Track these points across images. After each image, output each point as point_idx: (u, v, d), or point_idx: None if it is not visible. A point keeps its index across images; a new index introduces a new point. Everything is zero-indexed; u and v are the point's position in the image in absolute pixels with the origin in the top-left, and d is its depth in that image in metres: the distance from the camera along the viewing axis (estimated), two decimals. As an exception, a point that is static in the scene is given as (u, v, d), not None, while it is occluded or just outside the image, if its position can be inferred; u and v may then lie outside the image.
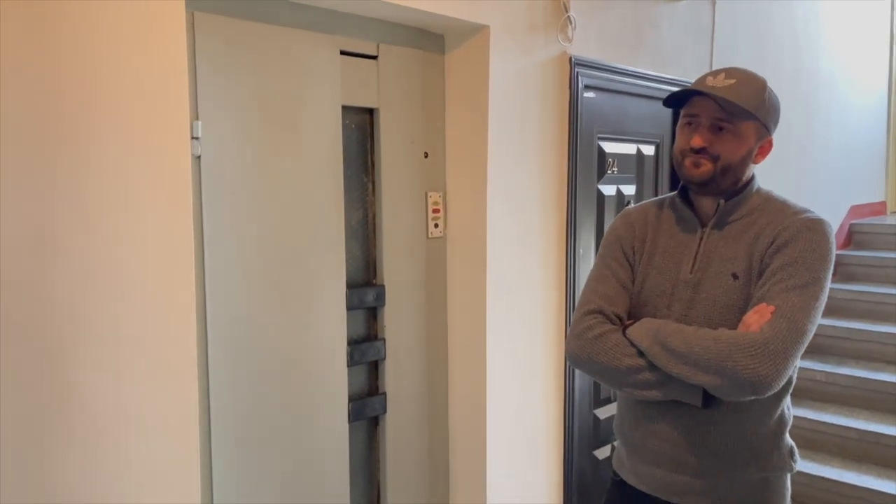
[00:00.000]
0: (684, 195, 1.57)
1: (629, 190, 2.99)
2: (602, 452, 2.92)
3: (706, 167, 1.46)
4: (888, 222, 5.16)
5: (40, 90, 1.36)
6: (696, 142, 1.46)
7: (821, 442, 3.59)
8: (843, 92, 4.99)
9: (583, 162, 2.67)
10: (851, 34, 5.07)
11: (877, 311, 4.25)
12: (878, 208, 5.69)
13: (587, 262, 2.74)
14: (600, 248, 1.66)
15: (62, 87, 1.39)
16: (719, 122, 1.45)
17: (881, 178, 5.79)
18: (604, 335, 1.48)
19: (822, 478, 3.32)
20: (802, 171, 4.39)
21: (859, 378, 3.80)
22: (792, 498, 1.59)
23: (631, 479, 1.60)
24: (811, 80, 4.53)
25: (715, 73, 1.48)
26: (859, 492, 3.23)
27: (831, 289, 1.51)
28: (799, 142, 4.34)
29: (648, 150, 3.07)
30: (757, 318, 1.36)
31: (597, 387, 2.86)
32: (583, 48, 2.61)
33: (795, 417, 3.63)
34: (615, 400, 2.95)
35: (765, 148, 1.52)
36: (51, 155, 1.38)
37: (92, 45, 1.42)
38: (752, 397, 1.35)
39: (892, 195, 5.93)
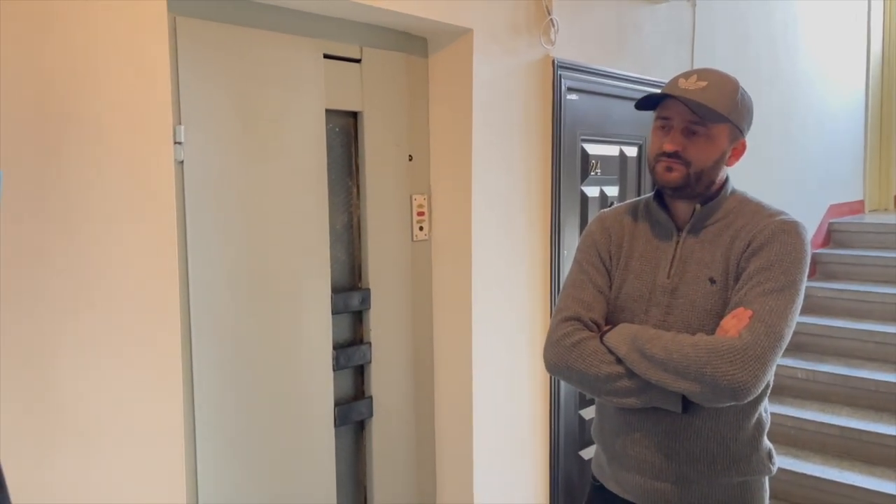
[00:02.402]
0: (659, 199, 1.56)
1: (612, 191, 3.00)
2: (587, 453, 2.93)
3: (678, 172, 1.45)
4: (866, 221, 5.23)
5: (21, 96, 1.35)
6: (668, 146, 1.45)
7: (802, 439, 3.62)
8: (820, 92, 5.05)
9: (566, 164, 2.68)
10: (829, 36, 5.13)
11: (856, 308, 4.30)
12: (857, 207, 5.76)
13: (571, 263, 2.75)
14: (576, 253, 1.64)
15: (43, 93, 1.38)
16: (692, 126, 1.44)
17: (859, 178, 5.86)
18: (581, 342, 1.47)
19: (804, 475, 3.35)
20: (782, 170, 4.43)
21: (840, 375, 3.84)
22: (775, 496, 1.60)
23: (612, 486, 1.59)
24: (789, 81, 4.58)
25: (687, 75, 1.47)
26: (841, 488, 3.25)
27: (811, 287, 1.51)
28: (778, 142, 4.38)
29: (631, 151, 3.09)
30: (735, 323, 1.35)
31: (582, 387, 2.88)
32: (565, 51, 2.62)
33: (776, 415, 3.67)
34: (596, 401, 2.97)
35: (738, 150, 1.51)
36: (31, 161, 1.37)
37: (73, 51, 1.41)
38: (732, 403, 1.35)
39: (870, 194, 6.01)
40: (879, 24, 5.91)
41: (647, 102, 1.50)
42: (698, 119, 1.43)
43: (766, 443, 1.53)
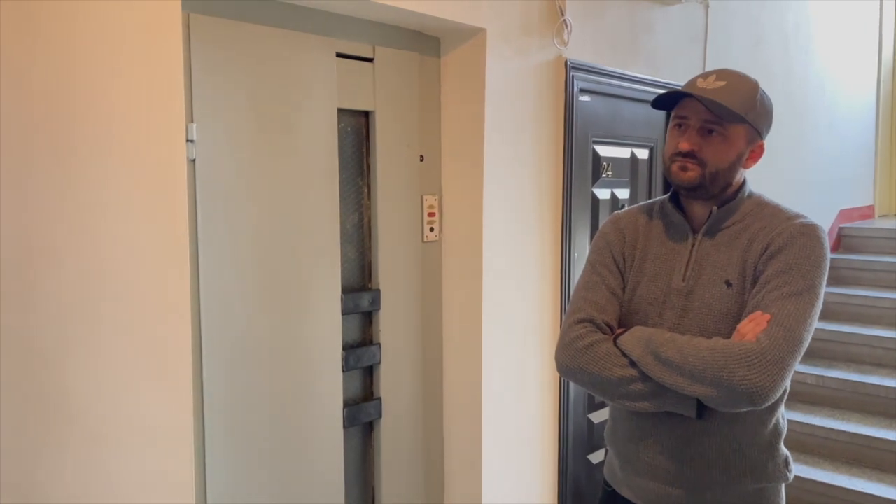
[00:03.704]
0: (675, 200, 1.54)
1: (623, 194, 2.99)
2: (596, 457, 2.91)
3: (694, 172, 1.43)
4: (877, 226, 5.20)
5: (32, 93, 1.34)
6: (684, 145, 1.43)
7: (812, 445, 3.60)
8: (832, 96, 5.03)
9: (578, 165, 2.67)
10: (841, 39, 5.11)
11: (866, 314, 4.28)
12: (866, 212, 5.73)
13: (581, 265, 2.73)
14: (589, 254, 1.61)
15: (55, 90, 1.37)
16: (708, 125, 1.42)
17: (869, 182, 5.83)
18: (594, 345, 1.44)
19: (814, 481, 3.34)
20: (792, 174, 4.41)
21: (850, 381, 3.83)
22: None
23: (624, 492, 1.57)
24: (801, 84, 4.56)
25: (706, 75, 1.45)
26: (851, 495, 3.24)
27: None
28: (789, 145, 4.36)
29: (642, 153, 3.07)
30: (752, 327, 1.33)
31: (591, 391, 2.86)
32: (578, 52, 2.60)
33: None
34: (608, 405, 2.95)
35: (756, 153, 1.48)
36: (43, 158, 1.36)
37: (86, 47, 1.40)
38: (749, 408, 1.33)
39: (880, 199, 5.98)
40: (891, 30, 5.87)
41: (664, 101, 1.47)
42: (715, 118, 1.41)
43: (783, 449, 1.51)
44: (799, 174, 4.54)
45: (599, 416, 2.91)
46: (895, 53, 5.95)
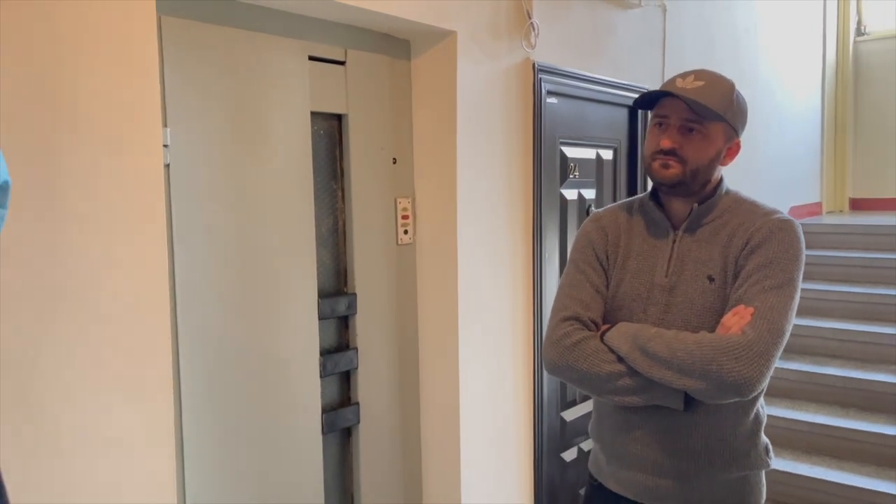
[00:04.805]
0: (655, 197, 1.57)
1: (590, 194, 3.03)
2: (569, 455, 2.94)
3: (675, 169, 1.47)
4: (825, 222, 5.37)
5: (5, 95, 1.29)
6: (665, 143, 1.47)
7: (772, 436, 3.61)
8: (780, 97, 5.18)
9: (546, 167, 2.70)
10: (787, 43, 5.27)
11: (819, 307, 4.41)
12: (814, 209, 5.92)
13: (552, 265, 2.77)
14: (571, 253, 1.63)
15: (27, 94, 1.32)
16: (688, 124, 1.46)
17: (816, 180, 6.03)
18: (582, 342, 1.47)
19: (777, 471, 3.42)
20: (745, 172, 4.52)
21: (806, 373, 3.94)
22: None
23: (611, 484, 1.59)
24: (752, 85, 4.68)
25: (684, 75, 1.49)
26: (813, 483, 3.33)
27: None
28: (742, 144, 4.47)
29: (607, 154, 3.12)
30: (737, 321, 1.37)
31: (563, 389, 2.89)
32: (545, 54, 2.63)
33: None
34: (581, 402, 2.98)
35: (733, 150, 1.54)
36: (17, 164, 1.31)
37: (59, 51, 1.36)
38: (736, 399, 1.36)
39: (827, 196, 6.19)
40: (834, 33, 6.10)
41: (644, 101, 1.51)
42: (695, 117, 1.45)
43: (764, 438, 1.56)
44: (751, 173, 4.66)
45: (571, 415, 2.94)
46: (838, 56, 6.17)
